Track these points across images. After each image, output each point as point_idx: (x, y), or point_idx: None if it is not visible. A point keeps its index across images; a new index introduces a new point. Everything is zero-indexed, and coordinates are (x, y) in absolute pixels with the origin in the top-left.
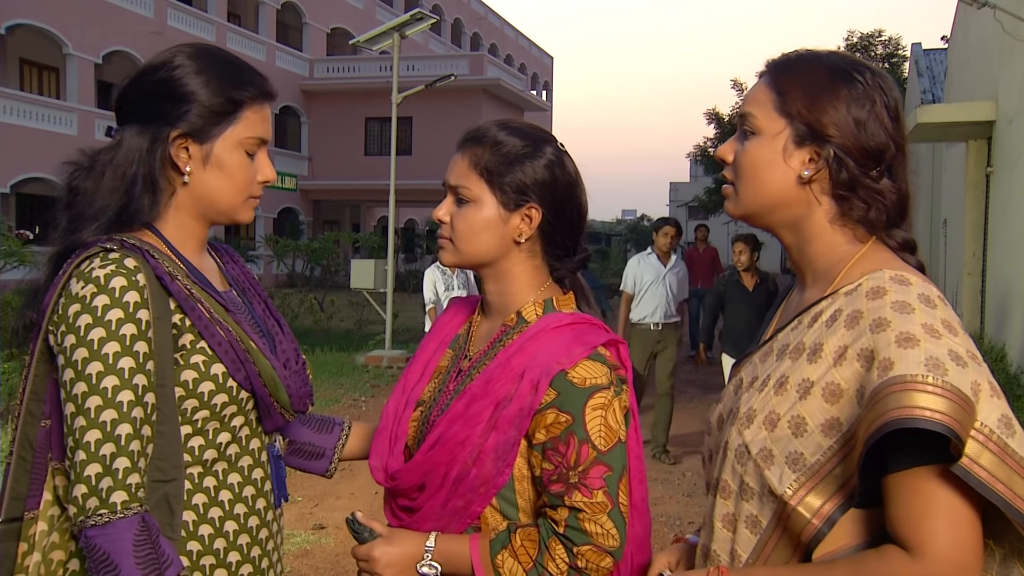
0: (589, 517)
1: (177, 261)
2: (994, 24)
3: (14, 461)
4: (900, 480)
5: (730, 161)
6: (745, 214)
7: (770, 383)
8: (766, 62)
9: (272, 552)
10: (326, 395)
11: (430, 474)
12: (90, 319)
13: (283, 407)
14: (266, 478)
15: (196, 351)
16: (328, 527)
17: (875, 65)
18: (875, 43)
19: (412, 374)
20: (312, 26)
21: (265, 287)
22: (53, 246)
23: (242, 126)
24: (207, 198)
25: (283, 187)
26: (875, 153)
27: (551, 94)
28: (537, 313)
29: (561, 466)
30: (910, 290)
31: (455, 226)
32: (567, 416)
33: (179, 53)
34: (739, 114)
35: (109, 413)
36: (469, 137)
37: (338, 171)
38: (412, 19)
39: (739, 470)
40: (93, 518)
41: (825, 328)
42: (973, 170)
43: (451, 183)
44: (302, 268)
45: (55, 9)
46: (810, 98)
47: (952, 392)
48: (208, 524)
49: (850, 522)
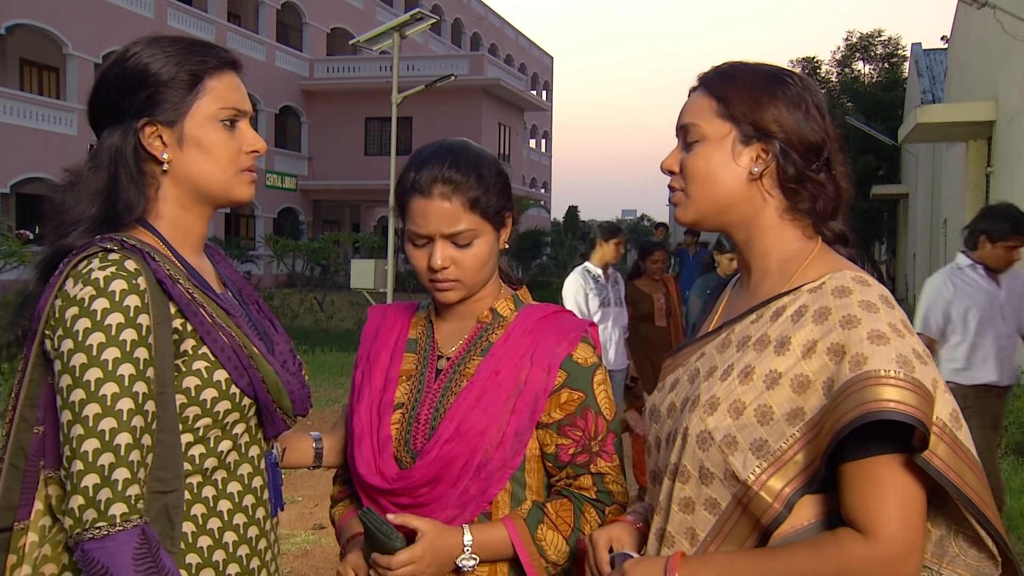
0: (613, 479)
1: (176, 263)
2: (994, 24)
3: (6, 469)
4: (859, 467)
5: (677, 171)
6: (697, 217)
7: (733, 373)
8: (698, 76)
9: (270, 562)
10: (326, 395)
11: (448, 466)
12: (89, 323)
13: (285, 412)
14: (265, 486)
15: (198, 357)
16: (328, 527)
17: (798, 71)
18: (875, 43)
19: (375, 381)
20: (312, 26)
21: (265, 287)
22: (40, 255)
23: (209, 98)
24: (193, 182)
25: (283, 187)
26: (815, 147)
27: (551, 94)
28: (510, 308)
29: (583, 438)
30: (871, 291)
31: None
32: (580, 393)
33: (131, 45)
34: (680, 126)
35: (108, 422)
36: None
37: (338, 171)
38: (412, 19)
39: (700, 456)
40: (91, 531)
41: (791, 322)
42: (973, 170)
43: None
44: (302, 268)
45: (55, 9)
46: (752, 100)
47: (919, 387)
48: (207, 535)
49: (803, 504)
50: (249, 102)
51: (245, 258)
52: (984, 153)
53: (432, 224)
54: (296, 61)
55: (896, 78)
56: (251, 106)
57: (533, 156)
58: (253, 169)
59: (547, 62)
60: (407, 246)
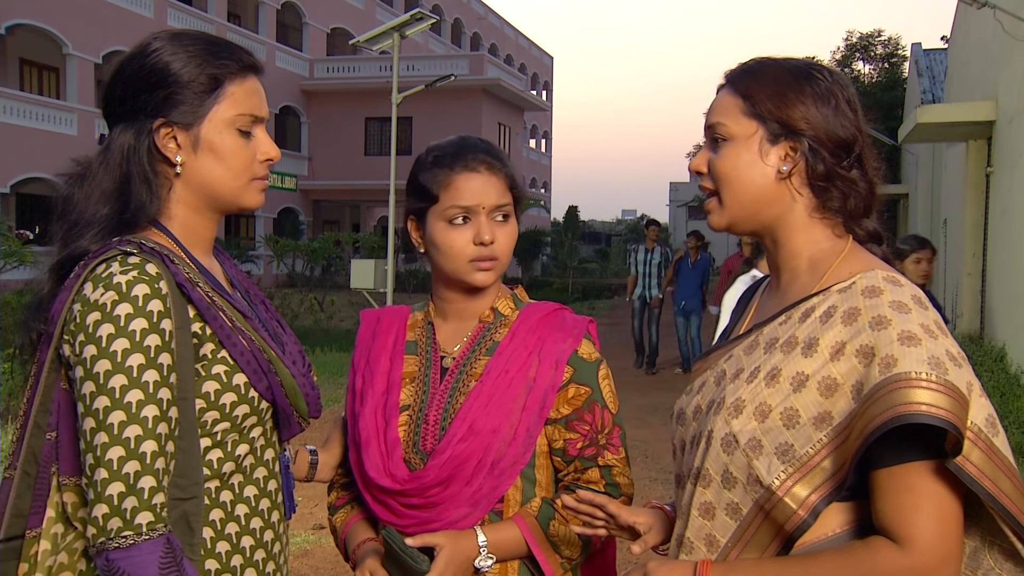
0: (620, 471)
1: (192, 265)
2: (994, 24)
3: (18, 476)
4: (891, 474)
5: (705, 171)
6: (731, 221)
7: (760, 375)
8: (725, 73)
9: (283, 566)
10: (326, 395)
11: (462, 465)
12: (112, 329)
13: (301, 415)
14: (279, 489)
15: (217, 361)
16: (328, 527)
17: (829, 64)
18: (875, 43)
19: (377, 384)
20: (312, 26)
21: (265, 287)
22: (53, 257)
23: (227, 103)
24: (204, 186)
25: (283, 187)
26: (845, 144)
27: (551, 94)
28: (511, 307)
29: (591, 432)
30: (903, 291)
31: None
32: (586, 388)
33: (153, 39)
34: (708, 125)
35: (133, 429)
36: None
37: (338, 171)
38: (412, 19)
39: (724, 459)
40: (116, 540)
41: (820, 324)
42: (973, 170)
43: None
44: (302, 268)
45: (55, 9)
46: (778, 97)
47: (952, 390)
48: (225, 540)
49: (831, 512)
50: (267, 108)
51: (245, 258)
52: (984, 153)
53: (480, 195)
54: (296, 61)
55: (896, 78)
56: (268, 111)
57: (533, 156)
58: (265, 177)
59: (547, 62)
60: (439, 230)
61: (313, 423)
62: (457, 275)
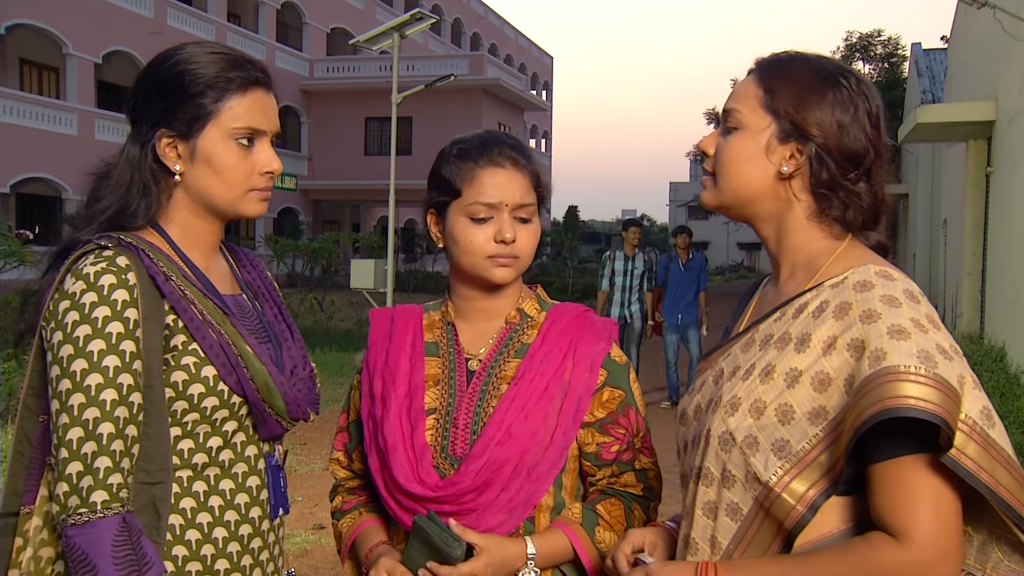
0: (655, 475)
1: (179, 261)
2: (994, 24)
3: (12, 456)
4: (887, 468)
5: (711, 154)
6: (721, 204)
7: (755, 372)
8: (756, 60)
9: (267, 563)
10: (326, 395)
11: (499, 470)
12: (77, 316)
13: (278, 414)
14: (263, 486)
15: (187, 352)
16: (328, 527)
17: (862, 72)
18: (874, 43)
19: (399, 388)
20: (312, 26)
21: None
22: (55, 246)
23: (226, 117)
24: (200, 195)
25: (283, 187)
26: (855, 156)
27: (551, 94)
28: (536, 308)
29: (627, 436)
30: (895, 285)
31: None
32: (620, 391)
33: (173, 50)
34: (724, 109)
35: (92, 411)
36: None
37: (338, 171)
38: (412, 19)
39: (723, 457)
40: (73, 517)
41: (812, 319)
42: (973, 170)
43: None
44: (302, 268)
45: (55, 9)
46: (797, 97)
47: (942, 383)
48: (196, 529)
49: (831, 509)
50: (275, 120)
51: None
52: (984, 153)
53: (505, 192)
54: (296, 61)
55: (896, 78)
56: (277, 123)
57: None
58: (266, 188)
59: (547, 62)
60: (460, 225)
61: (313, 423)
62: (475, 271)
